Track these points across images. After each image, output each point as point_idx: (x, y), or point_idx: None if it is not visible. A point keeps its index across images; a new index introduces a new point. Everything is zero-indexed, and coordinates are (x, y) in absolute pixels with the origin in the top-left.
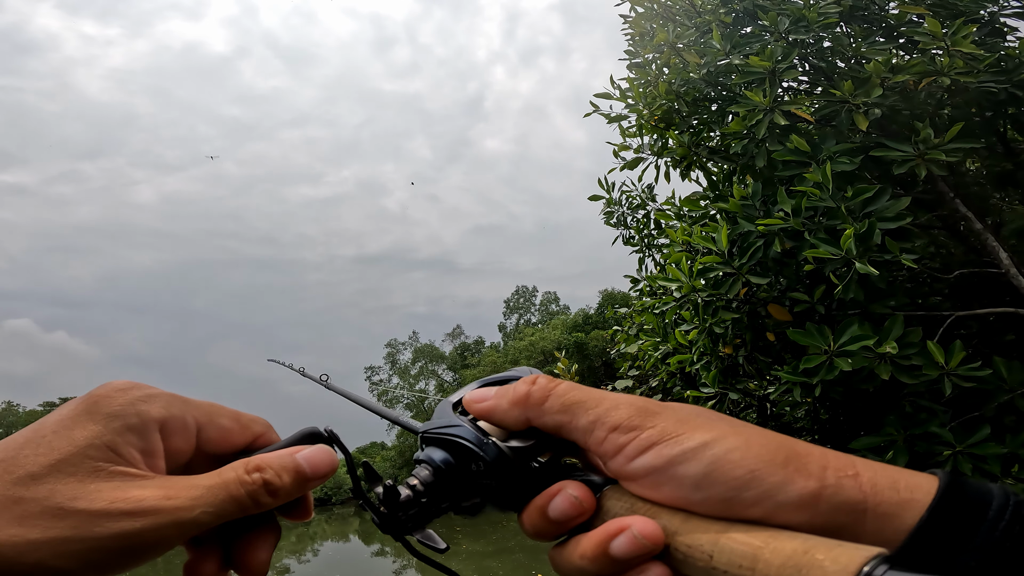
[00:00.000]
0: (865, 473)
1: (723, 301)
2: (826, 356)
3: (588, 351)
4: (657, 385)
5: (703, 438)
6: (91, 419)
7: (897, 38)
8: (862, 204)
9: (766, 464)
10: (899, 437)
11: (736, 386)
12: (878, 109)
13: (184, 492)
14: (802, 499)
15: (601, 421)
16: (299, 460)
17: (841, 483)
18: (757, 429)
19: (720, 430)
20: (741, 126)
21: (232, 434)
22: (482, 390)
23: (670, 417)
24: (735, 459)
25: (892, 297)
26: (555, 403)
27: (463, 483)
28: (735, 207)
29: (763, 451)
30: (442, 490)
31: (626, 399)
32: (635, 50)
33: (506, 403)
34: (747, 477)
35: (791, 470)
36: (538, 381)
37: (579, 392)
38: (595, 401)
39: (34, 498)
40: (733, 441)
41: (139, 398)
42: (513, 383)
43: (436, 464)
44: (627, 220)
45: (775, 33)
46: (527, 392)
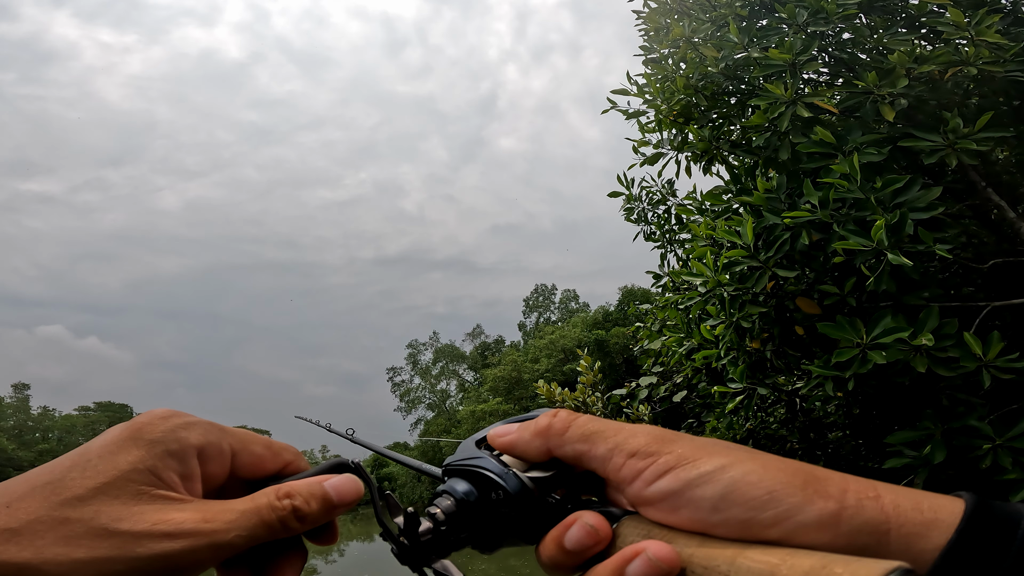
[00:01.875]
0: (887, 495)
1: (750, 295)
2: (859, 349)
3: (609, 348)
4: (682, 381)
5: (720, 461)
6: (135, 445)
7: (919, 28)
8: (892, 195)
9: (784, 486)
10: (936, 431)
11: (765, 381)
12: (904, 99)
13: (220, 516)
14: (822, 519)
15: (619, 448)
16: (327, 488)
17: (862, 504)
18: (774, 456)
19: (736, 455)
20: (763, 119)
21: (264, 460)
22: (506, 425)
23: (687, 443)
24: (753, 481)
25: (926, 288)
26: (575, 433)
27: (484, 514)
28: (760, 200)
29: (781, 474)
30: (463, 521)
31: (643, 428)
32: (650, 45)
33: (528, 435)
34: (765, 498)
35: (810, 491)
36: (559, 414)
37: (598, 423)
38: (613, 431)
39: (80, 519)
40: (750, 465)
41: (180, 425)
42: (535, 417)
43: (458, 495)
44: (648, 216)
45: (793, 26)
46: (548, 424)
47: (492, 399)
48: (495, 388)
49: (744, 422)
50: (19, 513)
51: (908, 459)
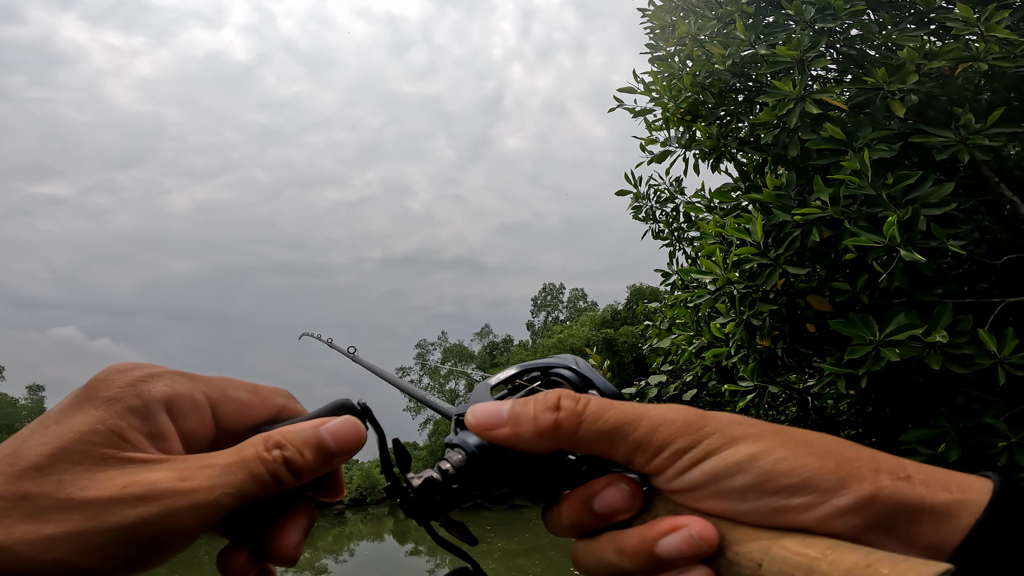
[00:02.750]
0: (917, 475)
1: (760, 293)
2: (872, 347)
3: (618, 347)
4: (691, 379)
5: (750, 450)
6: (91, 404)
7: (928, 24)
8: (904, 191)
9: (818, 471)
10: (951, 429)
11: (776, 379)
12: (915, 95)
13: (200, 472)
14: (857, 503)
15: (643, 446)
16: (322, 433)
17: (896, 485)
18: (802, 434)
19: (767, 440)
20: (771, 116)
21: (251, 407)
22: (491, 410)
23: (715, 427)
24: (785, 469)
25: (939, 285)
26: (588, 431)
27: (496, 470)
28: (769, 197)
29: (812, 459)
30: (474, 476)
31: (667, 415)
32: (656, 43)
33: (529, 434)
34: (799, 485)
35: (844, 475)
36: (563, 404)
37: (613, 414)
38: (633, 423)
39: (42, 492)
40: (780, 452)
41: (140, 378)
42: (533, 404)
43: (470, 448)
44: (656, 214)
45: (801, 22)
46: (554, 422)
47: None
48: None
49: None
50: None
51: (922, 457)
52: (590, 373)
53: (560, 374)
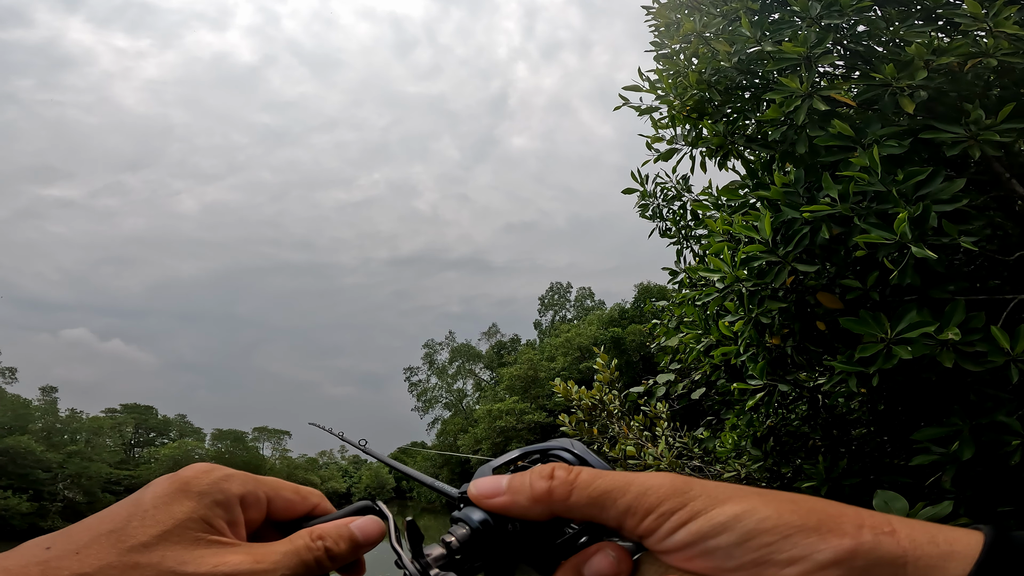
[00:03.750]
0: (902, 530)
1: (769, 290)
2: (883, 344)
3: (625, 346)
4: (700, 378)
5: (735, 510)
6: (186, 496)
7: (935, 20)
8: (915, 187)
9: (799, 529)
10: (964, 427)
11: (786, 378)
12: (924, 92)
13: (268, 557)
14: (837, 557)
15: (632, 510)
16: (353, 530)
17: (878, 540)
18: (788, 496)
19: (751, 501)
20: (778, 113)
21: (295, 504)
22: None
23: (700, 491)
24: (768, 527)
25: (951, 281)
26: (581, 497)
27: (498, 544)
28: (777, 194)
29: (794, 517)
30: (477, 550)
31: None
32: (661, 41)
33: (525, 500)
34: (781, 542)
35: (825, 531)
36: (556, 474)
37: (603, 481)
38: (622, 489)
39: (148, 563)
40: (764, 511)
41: (222, 477)
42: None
43: (474, 524)
44: (663, 212)
45: (807, 19)
46: (548, 490)
47: (509, 398)
48: (511, 387)
49: (764, 419)
50: (89, 559)
51: (935, 456)
52: (585, 454)
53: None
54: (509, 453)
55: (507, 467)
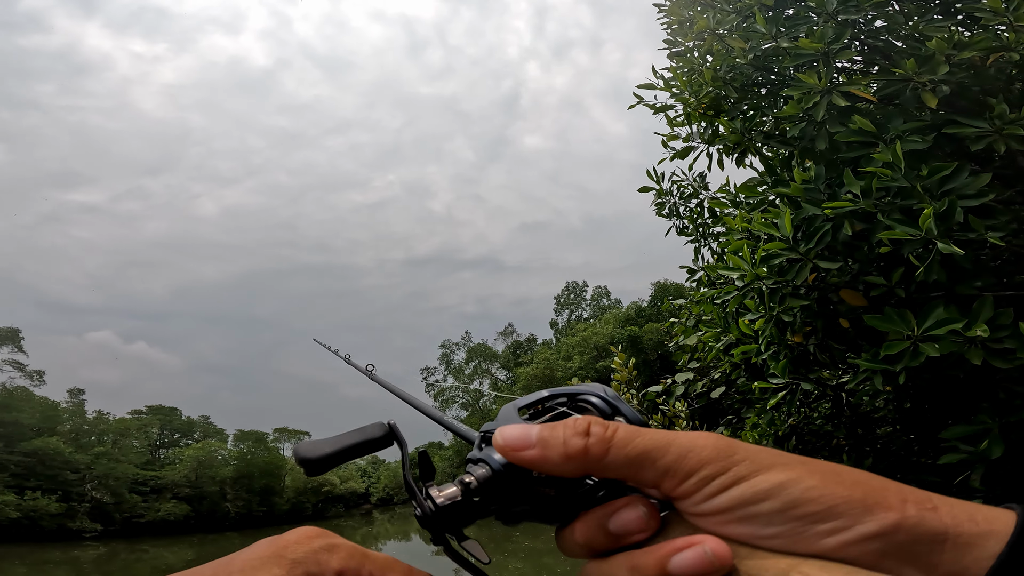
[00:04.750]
0: (944, 507)
1: (790, 288)
2: (910, 342)
3: (643, 345)
4: (720, 377)
5: (780, 478)
6: (276, 563)
7: (955, 15)
8: (939, 182)
9: (845, 500)
10: (993, 425)
11: (808, 376)
12: (946, 86)
13: None
14: (882, 530)
15: (672, 471)
16: None
17: (922, 515)
18: (830, 465)
19: (796, 469)
20: (796, 109)
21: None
22: (520, 432)
23: (744, 456)
24: (813, 496)
25: (978, 277)
26: (617, 457)
27: (518, 488)
28: (797, 191)
29: (840, 488)
30: (495, 492)
31: (697, 442)
32: (674, 39)
33: (557, 457)
34: (826, 512)
35: (871, 503)
36: (592, 430)
37: (642, 440)
38: (662, 449)
39: None
40: (810, 480)
41: (323, 547)
42: (563, 428)
43: (495, 465)
44: (680, 210)
45: (823, 14)
46: (583, 447)
47: None
48: (528, 387)
49: (787, 418)
50: None
51: (964, 454)
52: (617, 401)
53: (588, 400)
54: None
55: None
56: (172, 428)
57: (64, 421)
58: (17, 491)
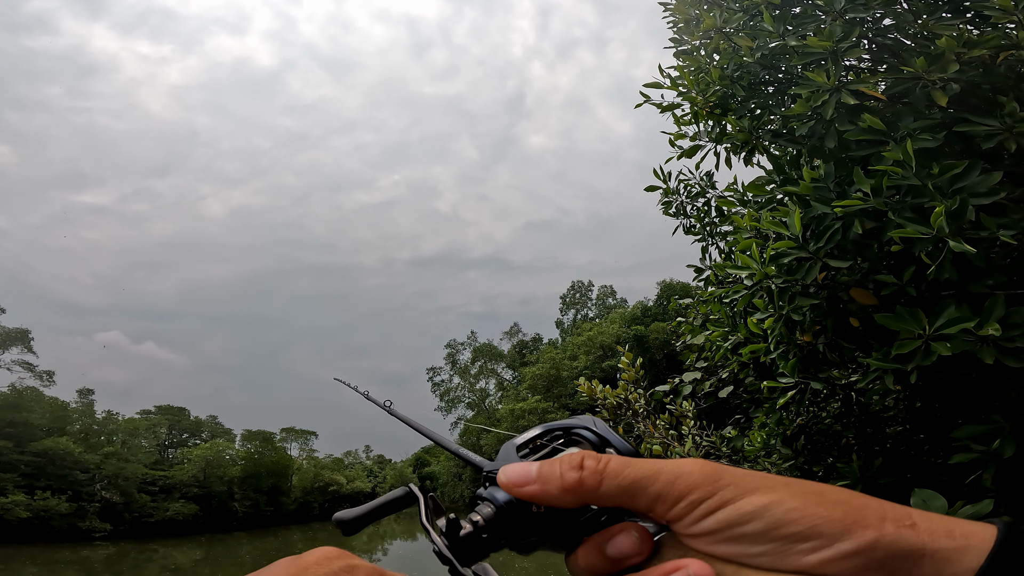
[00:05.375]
0: (922, 523)
1: (799, 287)
2: (921, 341)
3: (649, 344)
4: (728, 376)
5: (763, 500)
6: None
7: (964, 13)
8: (951, 180)
9: (824, 520)
10: (1006, 425)
11: (818, 375)
12: (956, 84)
13: None
14: (859, 548)
15: (662, 498)
16: None
17: (900, 532)
18: (814, 485)
19: (779, 492)
20: (805, 107)
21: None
22: (521, 470)
23: (729, 480)
24: (795, 517)
25: (991, 276)
26: (611, 487)
27: (523, 522)
28: (806, 190)
29: (821, 508)
30: (502, 528)
31: (684, 468)
32: (680, 37)
33: (556, 490)
34: (807, 532)
35: (850, 522)
36: (586, 464)
37: (632, 470)
38: (651, 477)
39: None
40: (792, 502)
41: (342, 568)
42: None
43: (499, 504)
44: (687, 209)
45: (831, 12)
46: (579, 480)
47: (531, 397)
48: (534, 386)
49: (795, 417)
50: None
51: (975, 454)
52: (607, 433)
53: (580, 434)
54: (531, 431)
55: (529, 445)
56: (181, 428)
57: (74, 421)
58: (27, 491)
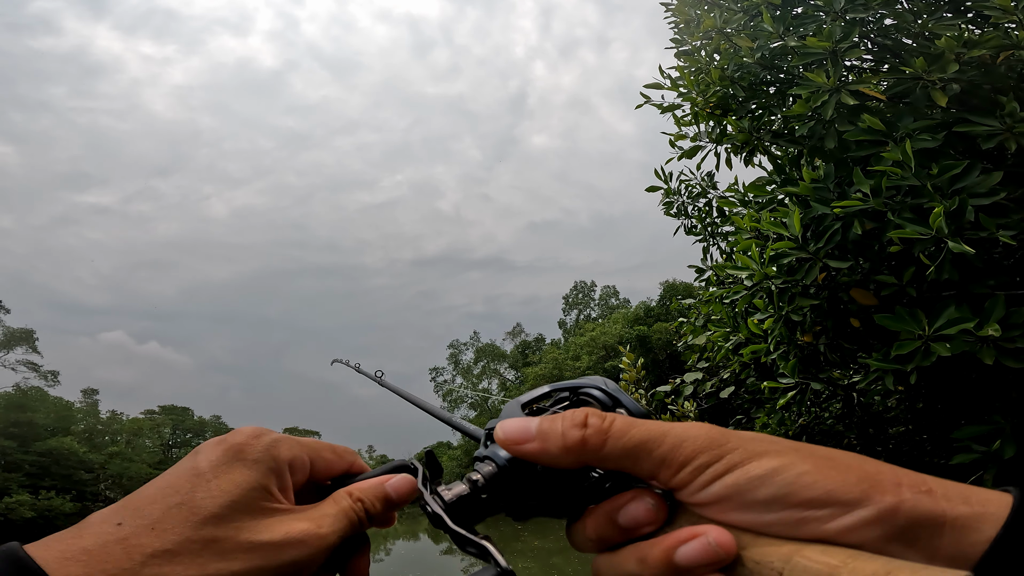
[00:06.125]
0: (938, 489)
1: (799, 287)
2: (921, 341)
3: (651, 344)
4: (729, 377)
5: (772, 464)
6: (243, 465)
7: (964, 13)
8: (950, 181)
9: (840, 484)
10: (1006, 425)
11: (819, 376)
12: (956, 84)
13: (324, 521)
14: (880, 514)
15: (667, 461)
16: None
17: (918, 498)
18: (823, 450)
19: (788, 456)
20: (805, 108)
21: (333, 464)
22: (520, 425)
23: (737, 444)
24: (807, 482)
25: (991, 276)
26: (615, 448)
27: (524, 483)
28: (806, 190)
29: (835, 472)
30: (502, 488)
31: (691, 432)
32: (681, 38)
33: (556, 449)
34: (822, 498)
35: (866, 487)
36: (590, 422)
37: (638, 431)
38: (657, 439)
39: (226, 536)
40: (802, 466)
41: (271, 443)
42: (561, 421)
43: (500, 461)
44: (688, 209)
45: (831, 12)
46: (581, 439)
47: None
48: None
49: (796, 418)
50: (167, 534)
51: (977, 454)
52: (618, 393)
53: (590, 393)
54: (538, 388)
55: (535, 403)
56: (184, 428)
57: (78, 421)
58: (32, 490)
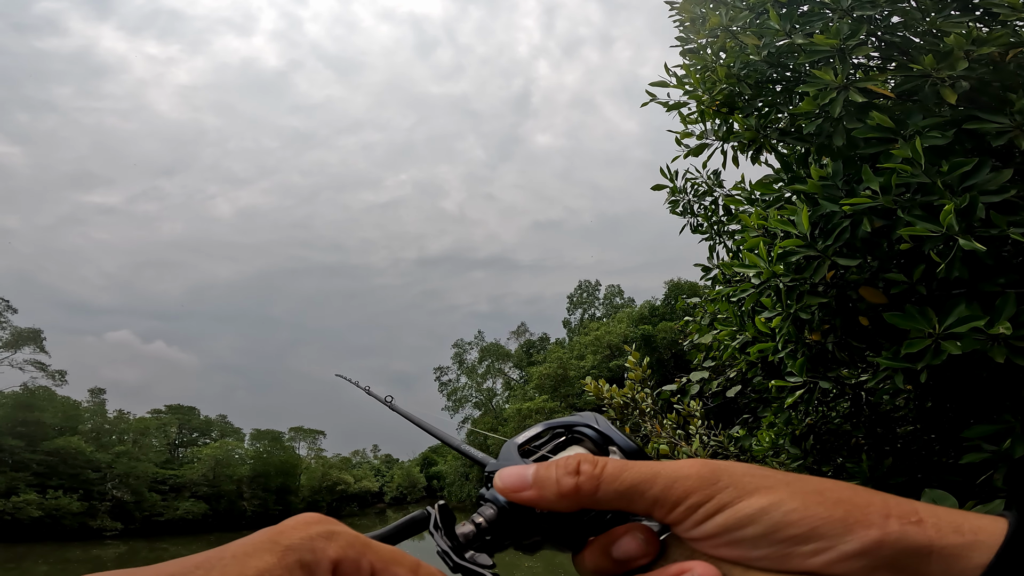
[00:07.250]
0: (929, 518)
1: (808, 285)
2: (931, 340)
3: (656, 343)
4: (735, 376)
5: (762, 503)
6: (269, 551)
7: (973, 10)
8: (960, 178)
9: (825, 521)
10: (1016, 425)
11: (827, 375)
12: (965, 82)
13: None
14: (864, 548)
15: (660, 502)
16: None
17: (905, 530)
18: (816, 483)
19: (779, 492)
20: (812, 106)
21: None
22: (517, 475)
23: (729, 481)
24: (794, 519)
25: (1002, 274)
26: (608, 492)
27: (526, 523)
28: (814, 188)
29: (821, 508)
30: (505, 529)
31: (682, 471)
32: (687, 36)
33: (552, 496)
34: (807, 534)
35: (852, 522)
36: (582, 468)
37: (629, 474)
38: (649, 481)
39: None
40: (791, 503)
41: (320, 534)
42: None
43: (501, 504)
44: (694, 208)
45: (838, 10)
46: (575, 486)
47: (538, 397)
48: (541, 386)
49: (804, 417)
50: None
51: (986, 454)
52: (609, 431)
53: (582, 432)
54: (532, 429)
55: (530, 443)
56: (190, 427)
57: (85, 420)
58: (39, 490)
